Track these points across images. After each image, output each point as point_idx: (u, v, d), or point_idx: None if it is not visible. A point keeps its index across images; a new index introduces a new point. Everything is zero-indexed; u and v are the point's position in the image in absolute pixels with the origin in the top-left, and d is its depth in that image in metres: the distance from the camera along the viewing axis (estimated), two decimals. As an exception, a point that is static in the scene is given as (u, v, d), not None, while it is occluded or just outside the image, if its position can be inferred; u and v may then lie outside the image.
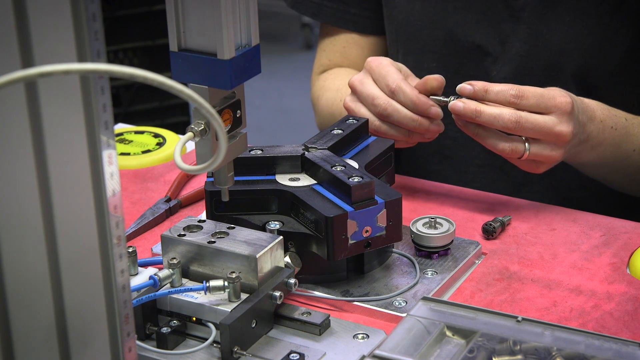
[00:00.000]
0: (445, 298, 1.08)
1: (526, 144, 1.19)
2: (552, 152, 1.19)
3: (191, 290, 1.00)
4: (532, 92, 1.17)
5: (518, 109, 1.17)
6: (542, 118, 1.17)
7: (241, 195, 1.10)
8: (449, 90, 1.21)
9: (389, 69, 1.22)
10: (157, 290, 1.00)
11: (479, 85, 1.18)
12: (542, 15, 1.38)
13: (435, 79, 1.20)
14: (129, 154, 1.42)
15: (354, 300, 1.06)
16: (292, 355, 0.97)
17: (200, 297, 1.00)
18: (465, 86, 1.19)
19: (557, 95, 1.18)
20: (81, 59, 0.72)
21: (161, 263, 1.10)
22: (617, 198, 1.43)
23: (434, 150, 1.48)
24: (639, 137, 1.31)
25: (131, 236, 1.21)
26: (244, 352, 0.97)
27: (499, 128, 1.18)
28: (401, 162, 1.51)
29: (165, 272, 1.01)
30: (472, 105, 1.17)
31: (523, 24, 1.39)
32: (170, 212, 1.26)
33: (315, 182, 1.11)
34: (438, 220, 1.15)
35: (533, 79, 1.37)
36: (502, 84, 1.18)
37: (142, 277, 1.05)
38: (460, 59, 1.38)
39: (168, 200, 1.27)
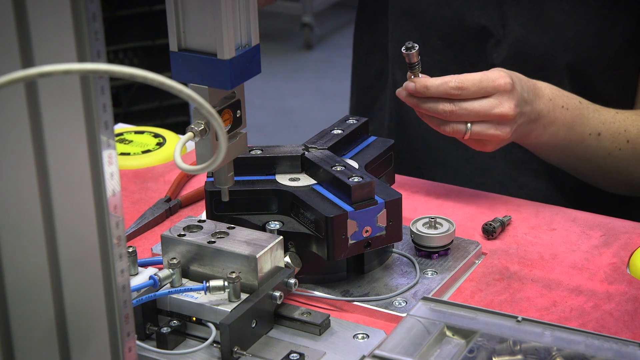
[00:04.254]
0: (445, 298, 1.08)
1: (468, 125, 1.21)
2: (496, 131, 1.22)
3: (191, 290, 1.00)
4: (471, 81, 1.19)
5: (460, 99, 1.19)
6: (478, 103, 1.19)
7: (241, 195, 1.10)
8: (454, 69, 1.24)
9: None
10: (157, 290, 1.00)
11: (420, 82, 1.20)
12: (541, 1, 1.38)
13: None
14: (129, 154, 1.41)
15: (354, 300, 1.06)
16: (292, 355, 0.97)
17: (200, 297, 1.00)
18: (408, 84, 1.21)
19: (497, 77, 1.20)
20: (81, 59, 0.72)
21: (161, 263, 1.10)
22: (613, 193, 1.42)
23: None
24: (595, 121, 1.31)
25: (131, 236, 1.21)
26: (244, 352, 0.97)
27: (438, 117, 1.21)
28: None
29: (165, 272, 1.01)
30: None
31: (523, 8, 1.39)
32: (170, 212, 1.26)
33: (315, 182, 1.11)
34: (438, 220, 1.15)
35: (528, 65, 1.38)
36: (443, 77, 1.20)
37: (142, 277, 1.05)
38: (464, 39, 1.39)
39: (168, 200, 1.27)
